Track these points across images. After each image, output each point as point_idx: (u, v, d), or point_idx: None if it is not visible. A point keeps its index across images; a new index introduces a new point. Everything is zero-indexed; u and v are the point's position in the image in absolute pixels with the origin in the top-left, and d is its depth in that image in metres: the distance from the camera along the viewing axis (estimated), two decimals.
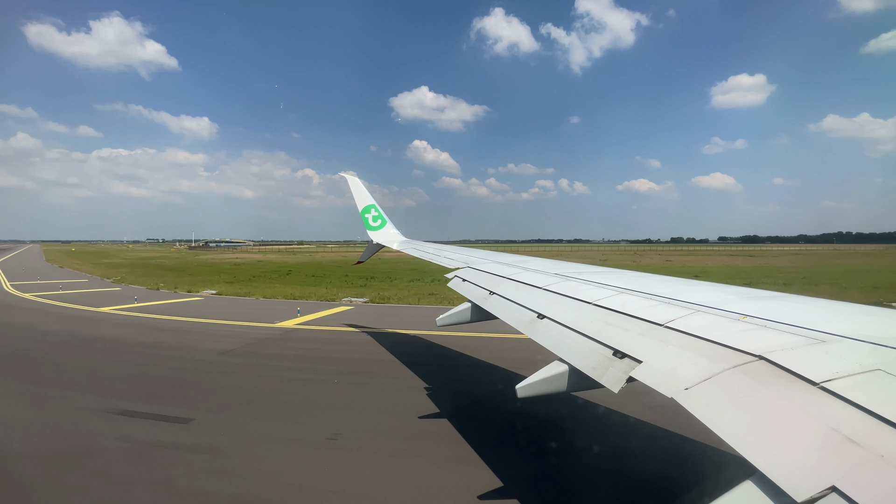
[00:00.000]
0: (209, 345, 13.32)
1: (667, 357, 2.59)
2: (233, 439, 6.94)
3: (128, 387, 9.52)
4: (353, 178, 13.84)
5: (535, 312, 4.00)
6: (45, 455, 6.47)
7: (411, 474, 5.92)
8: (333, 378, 10.11)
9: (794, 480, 1.59)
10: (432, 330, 14.51)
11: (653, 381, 2.41)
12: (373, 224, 13.23)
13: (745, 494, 1.67)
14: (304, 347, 13.30)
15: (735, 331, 2.72)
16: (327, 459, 6.32)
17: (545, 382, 3.13)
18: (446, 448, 6.62)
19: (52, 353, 12.58)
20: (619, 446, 6.83)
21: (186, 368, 11.06)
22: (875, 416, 1.71)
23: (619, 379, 2.58)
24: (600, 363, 2.79)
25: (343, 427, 7.38)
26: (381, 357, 12.02)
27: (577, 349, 3.09)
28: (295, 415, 8.05)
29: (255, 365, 11.44)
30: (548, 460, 6.37)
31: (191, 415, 7.91)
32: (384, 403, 8.52)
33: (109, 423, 7.56)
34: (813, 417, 1.78)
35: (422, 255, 10.12)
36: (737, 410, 1.99)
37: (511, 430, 7.26)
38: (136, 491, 5.56)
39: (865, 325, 2.55)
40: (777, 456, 1.71)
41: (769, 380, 2.09)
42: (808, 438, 1.71)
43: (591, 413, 7.82)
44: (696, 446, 6.30)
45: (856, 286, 27.41)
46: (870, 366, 2.05)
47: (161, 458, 6.34)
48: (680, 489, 5.35)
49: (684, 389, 2.21)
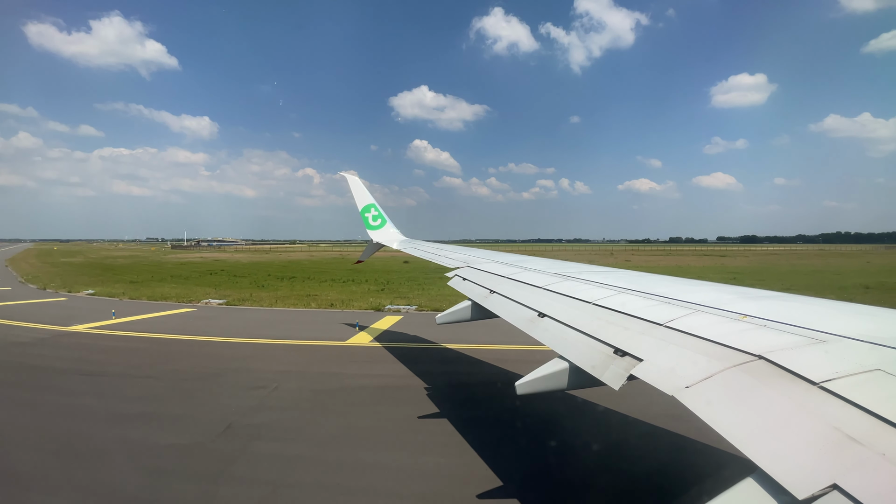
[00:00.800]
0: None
1: (667, 356, 2.59)
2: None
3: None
4: (353, 178, 13.72)
5: (536, 311, 4.00)
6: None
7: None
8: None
9: (796, 478, 1.59)
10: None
11: (653, 379, 2.40)
12: (373, 223, 13.17)
13: (746, 492, 1.67)
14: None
15: (735, 331, 2.71)
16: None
17: (545, 380, 3.13)
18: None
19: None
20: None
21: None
22: (875, 416, 1.70)
23: (619, 376, 2.58)
24: (601, 361, 2.79)
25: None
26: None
27: (578, 347, 3.09)
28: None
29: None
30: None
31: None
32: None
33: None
34: (814, 416, 1.77)
35: (422, 254, 10.11)
36: (737, 409, 1.99)
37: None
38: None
39: (865, 324, 2.55)
40: (778, 454, 1.71)
41: (770, 379, 2.09)
42: (810, 436, 1.70)
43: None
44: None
45: (779, 286, 26.68)
46: (870, 366, 2.05)
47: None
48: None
49: (685, 388, 2.21)
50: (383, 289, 26.77)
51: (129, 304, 21.33)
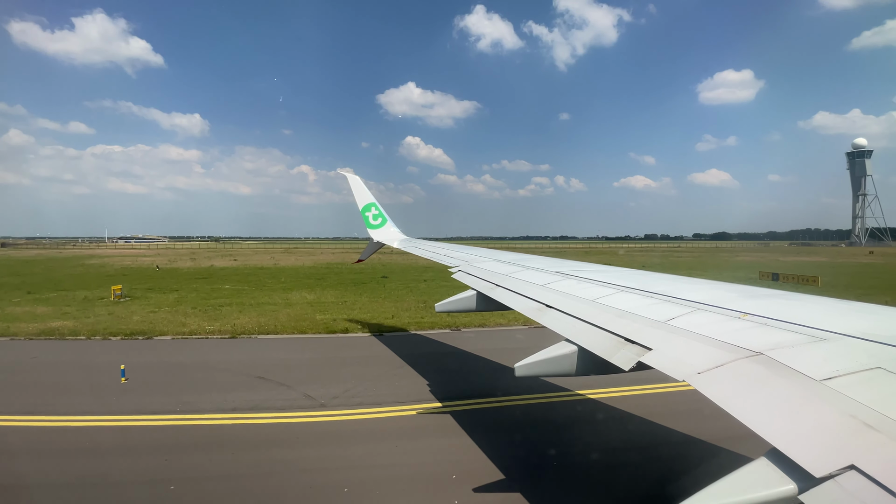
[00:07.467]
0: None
1: (675, 346, 2.56)
2: None
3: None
4: (352, 177, 13.08)
5: (542, 303, 3.97)
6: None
7: None
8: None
9: (812, 458, 1.57)
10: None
11: (664, 366, 2.38)
12: (373, 223, 12.62)
13: (761, 470, 1.65)
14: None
15: (736, 329, 2.69)
16: None
17: (549, 363, 3.06)
18: None
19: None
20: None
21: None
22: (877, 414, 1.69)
23: (629, 360, 2.55)
24: (611, 345, 2.76)
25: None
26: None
27: (587, 333, 3.05)
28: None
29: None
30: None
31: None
32: None
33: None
34: (830, 403, 1.76)
35: (423, 253, 9.96)
36: (751, 394, 1.97)
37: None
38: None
39: (865, 323, 2.53)
40: (794, 436, 1.68)
41: (780, 369, 2.07)
42: (826, 421, 1.68)
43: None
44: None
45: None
46: (870, 364, 2.03)
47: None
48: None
49: (697, 374, 2.18)
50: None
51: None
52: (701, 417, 7.02)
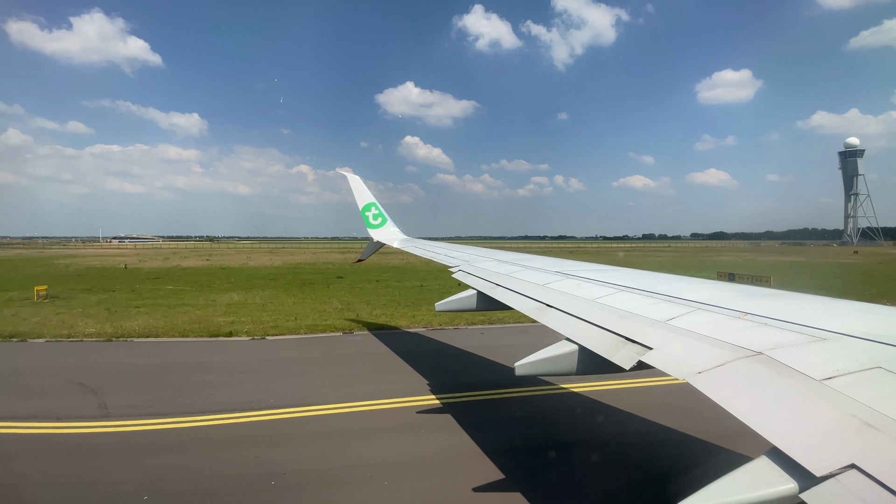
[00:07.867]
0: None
1: (676, 346, 2.56)
2: None
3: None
4: (353, 176, 13.02)
5: (543, 303, 3.97)
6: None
7: None
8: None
9: (813, 457, 1.57)
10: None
11: (664, 365, 2.38)
12: (373, 222, 12.57)
13: (761, 469, 1.65)
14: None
15: (736, 328, 2.68)
16: None
17: (550, 362, 3.05)
18: None
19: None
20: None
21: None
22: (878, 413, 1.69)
23: (630, 359, 2.55)
24: (611, 345, 2.76)
25: None
26: None
27: (588, 332, 3.05)
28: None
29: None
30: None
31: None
32: None
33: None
34: (830, 402, 1.76)
35: (423, 253, 9.94)
36: (751, 394, 1.97)
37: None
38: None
39: (865, 322, 2.53)
40: (794, 436, 1.68)
41: (781, 369, 2.07)
42: (826, 421, 1.68)
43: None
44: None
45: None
46: (870, 364, 2.03)
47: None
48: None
49: (697, 373, 2.18)
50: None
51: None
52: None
